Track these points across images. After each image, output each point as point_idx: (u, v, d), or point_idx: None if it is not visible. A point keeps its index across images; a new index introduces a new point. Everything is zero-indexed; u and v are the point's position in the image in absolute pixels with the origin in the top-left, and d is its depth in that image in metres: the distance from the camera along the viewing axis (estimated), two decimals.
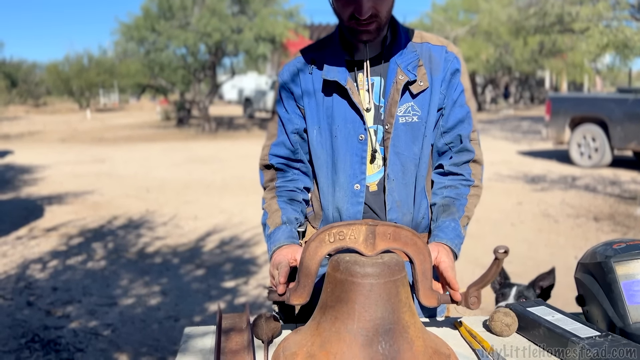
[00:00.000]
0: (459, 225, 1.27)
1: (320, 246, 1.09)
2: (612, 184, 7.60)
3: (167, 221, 5.87)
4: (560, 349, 1.13)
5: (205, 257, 4.61)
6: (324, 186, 1.39)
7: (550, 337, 1.17)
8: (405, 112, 1.30)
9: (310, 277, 1.10)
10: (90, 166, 9.94)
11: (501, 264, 1.11)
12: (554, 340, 1.15)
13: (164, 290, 3.83)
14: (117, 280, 4.03)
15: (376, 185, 1.34)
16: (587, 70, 21.87)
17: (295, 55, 1.43)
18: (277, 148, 1.40)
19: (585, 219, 5.72)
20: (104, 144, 13.84)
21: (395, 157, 1.31)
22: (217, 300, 3.64)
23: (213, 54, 16.68)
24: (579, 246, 4.83)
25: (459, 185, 1.34)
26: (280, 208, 1.36)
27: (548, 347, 1.17)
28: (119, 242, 5.05)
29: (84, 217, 6.04)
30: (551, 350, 1.16)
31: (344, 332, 1.04)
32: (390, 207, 1.32)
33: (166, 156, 11.30)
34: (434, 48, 1.33)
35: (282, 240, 1.28)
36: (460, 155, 1.35)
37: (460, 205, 1.31)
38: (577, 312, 1.35)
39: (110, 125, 19.76)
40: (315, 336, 1.08)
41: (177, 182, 8.22)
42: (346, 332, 1.04)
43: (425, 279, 1.14)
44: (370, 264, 1.06)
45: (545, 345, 1.18)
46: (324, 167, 1.38)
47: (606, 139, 8.66)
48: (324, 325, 1.08)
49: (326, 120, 1.35)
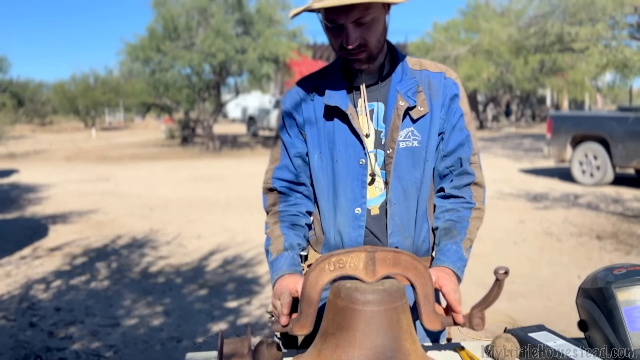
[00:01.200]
0: (460, 248, 1.29)
1: (321, 275, 1.10)
2: (615, 202, 7.59)
3: (171, 240, 5.89)
4: None
5: (209, 276, 4.61)
6: (325, 210, 1.41)
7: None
8: (406, 137, 1.33)
9: (312, 307, 1.12)
10: (94, 185, 9.99)
11: (502, 284, 1.12)
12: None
13: (166, 310, 3.83)
14: (120, 300, 4.04)
15: (378, 209, 1.36)
16: (588, 88, 21.96)
17: (297, 83, 1.46)
18: (281, 172, 1.43)
19: (588, 238, 5.71)
20: (109, 163, 13.92)
21: (397, 181, 1.33)
22: (219, 320, 3.63)
23: (217, 74, 16.83)
24: (582, 265, 4.81)
25: (460, 208, 1.35)
26: (283, 234, 1.38)
27: None
28: (123, 262, 5.07)
29: (87, 237, 6.06)
30: None
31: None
32: (392, 230, 1.34)
33: (170, 175, 11.35)
34: (433, 75, 1.37)
35: (284, 269, 1.29)
36: (461, 178, 1.37)
37: (462, 228, 1.32)
38: (579, 337, 1.35)
39: (115, 144, 19.89)
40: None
41: (181, 201, 8.24)
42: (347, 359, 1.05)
43: (427, 302, 1.15)
44: (371, 291, 1.07)
45: None
46: (325, 191, 1.40)
47: (608, 157, 8.67)
48: (325, 353, 1.09)
49: (327, 145, 1.38)
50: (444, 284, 1.20)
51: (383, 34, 1.30)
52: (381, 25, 1.28)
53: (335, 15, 1.23)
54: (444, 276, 1.23)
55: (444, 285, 1.20)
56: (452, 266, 1.26)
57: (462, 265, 1.27)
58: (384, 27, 1.30)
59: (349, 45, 1.25)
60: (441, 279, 1.21)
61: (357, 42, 1.25)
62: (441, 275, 1.23)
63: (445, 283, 1.20)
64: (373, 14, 1.24)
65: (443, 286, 1.19)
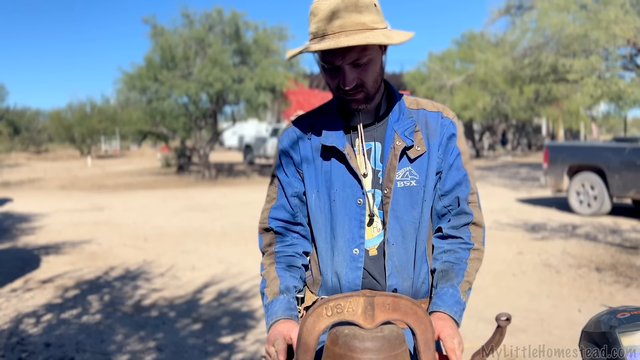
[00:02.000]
0: (457, 292, 1.25)
1: (318, 320, 1.06)
2: (613, 232, 7.56)
3: (165, 272, 5.80)
4: None
5: (203, 310, 4.52)
6: (322, 251, 1.38)
7: None
8: (404, 177, 1.31)
9: (309, 354, 1.07)
10: (88, 214, 9.91)
11: (504, 331, 1.08)
12: None
13: (159, 345, 3.74)
14: (112, 335, 3.94)
15: (376, 249, 1.33)
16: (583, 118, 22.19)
17: (294, 122, 1.45)
18: (277, 211, 1.41)
19: (587, 270, 5.66)
20: (104, 192, 13.86)
21: (394, 222, 1.31)
22: (213, 357, 3.54)
23: (214, 103, 16.94)
24: (582, 298, 4.75)
25: (459, 249, 1.32)
26: (279, 276, 1.35)
27: None
28: (115, 294, 4.97)
29: (80, 268, 5.97)
30: None
31: None
32: (390, 272, 1.31)
33: (166, 204, 11.29)
34: (430, 114, 1.36)
35: (279, 313, 1.25)
36: (459, 218, 1.35)
37: (460, 270, 1.29)
38: None
39: (111, 172, 19.85)
40: None
41: (176, 231, 8.17)
42: None
43: (428, 349, 1.10)
44: (370, 338, 1.03)
45: None
46: (322, 232, 1.37)
47: (605, 188, 8.68)
48: None
49: (325, 185, 1.35)
50: (441, 330, 1.16)
51: (380, 74, 1.30)
52: (378, 66, 1.28)
53: (332, 57, 1.23)
54: (440, 322, 1.20)
55: (441, 331, 1.16)
56: (448, 311, 1.22)
57: (460, 309, 1.24)
58: (380, 68, 1.29)
59: (346, 87, 1.25)
60: (438, 326, 1.17)
61: (354, 83, 1.25)
62: (437, 322, 1.20)
63: (441, 329, 1.17)
64: (370, 55, 1.24)
65: (440, 332, 1.16)
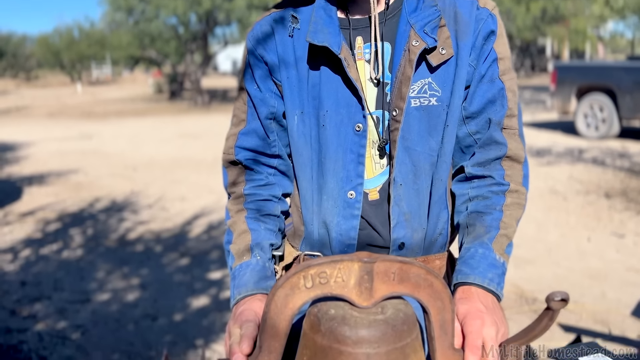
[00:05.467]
0: (491, 251, 0.90)
1: (292, 294, 0.74)
2: (621, 156, 7.24)
3: (153, 203, 5.53)
4: None
5: (191, 244, 4.28)
6: (306, 193, 1.04)
7: None
8: (421, 92, 0.94)
9: (277, 340, 0.76)
10: (76, 143, 9.55)
11: (556, 316, 0.76)
12: None
13: (143, 283, 3.51)
14: (92, 272, 3.71)
15: (377, 192, 0.99)
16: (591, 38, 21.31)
17: (271, 10, 1.06)
18: (247, 138, 1.04)
19: (596, 196, 5.39)
20: (93, 119, 13.41)
21: (404, 155, 0.96)
22: (200, 294, 3.32)
23: (204, 24, 16.08)
24: (590, 226, 4.50)
25: (489, 193, 0.97)
26: (250, 229, 1.01)
27: None
28: (99, 228, 4.72)
29: (64, 200, 5.69)
30: None
31: None
32: (397, 221, 0.97)
33: (156, 131, 10.90)
34: (461, 2, 0.96)
35: (251, 285, 0.92)
36: (487, 150, 0.99)
37: (493, 220, 0.94)
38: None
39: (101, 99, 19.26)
40: None
41: (166, 160, 7.85)
42: None
43: (444, 334, 0.79)
44: (366, 324, 0.72)
45: None
46: (307, 168, 1.02)
47: (614, 109, 8.28)
48: None
49: (311, 104, 0.99)
50: (465, 315, 0.81)
51: None
52: None
53: None
54: (464, 305, 0.83)
55: (466, 317, 0.81)
56: (480, 280, 0.87)
57: (497, 274, 0.88)
58: None
59: None
60: (461, 309, 0.82)
61: None
62: (460, 303, 0.84)
63: (466, 314, 0.81)
64: None
65: (464, 318, 0.81)
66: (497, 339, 0.78)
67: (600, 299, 3.12)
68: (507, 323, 0.84)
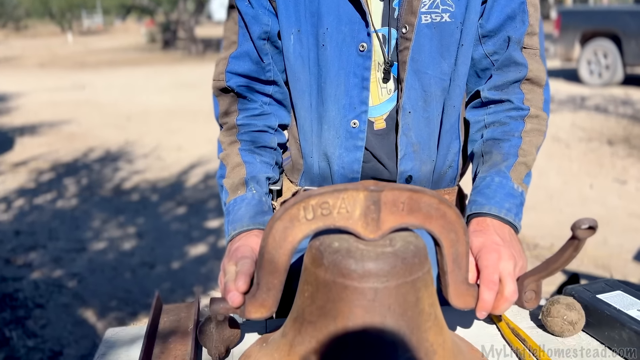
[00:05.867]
0: (508, 180, 0.83)
1: (292, 227, 0.67)
2: (624, 104, 7.12)
3: (148, 153, 5.44)
4: None
5: (188, 193, 4.22)
6: (305, 123, 0.95)
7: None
8: (432, 7, 0.84)
9: (277, 276, 0.69)
10: (68, 94, 9.34)
11: (582, 246, 0.69)
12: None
13: (139, 232, 3.46)
14: (88, 221, 3.66)
15: (384, 120, 0.90)
16: None
17: None
18: (239, 62, 0.93)
19: (599, 143, 5.31)
20: (85, 70, 13.11)
21: (414, 78, 0.86)
22: (198, 242, 3.28)
23: None
24: (593, 173, 4.45)
25: (507, 119, 0.89)
26: (244, 162, 0.92)
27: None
28: (94, 178, 4.64)
29: (57, 150, 5.59)
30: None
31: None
32: (404, 153, 0.89)
33: (150, 81, 10.67)
34: None
35: (246, 220, 0.84)
36: (506, 72, 0.89)
37: (511, 147, 0.86)
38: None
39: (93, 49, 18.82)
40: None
41: (161, 110, 7.70)
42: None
43: (458, 268, 0.72)
44: (374, 256, 0.65)
45: (633, 357, 0.79)
46: (305, 95, 0.93)
47: (619, 55, 8.08)
48: (300, 350, 0.68)
49: (309, 21, 0.88)
50: (481, 248, 0.74)
51: None
52: None
53: None
54: (479, 237, 0.76)
55: (481, 250, 0.73)
56: (496, 210, 0.79)
57: (515, 204, 0.81)
58: None
59: None
60: (476, 242, 0.74)
61: None
62: (475, 235, 0.77)
63: (482, 247, 0.74)
64: None
65: (480, 252, 0.73)
66: (515, 274, 0.72)
67: (602, 245, 3.09)
68: (525, 256, 0.77)
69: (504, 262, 0.71)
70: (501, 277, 0.70)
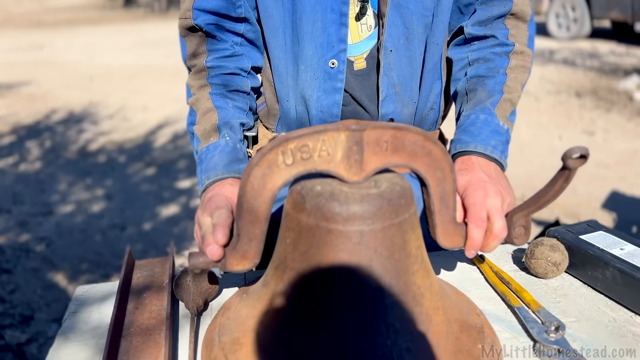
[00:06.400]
0: (494, 117, 0.80)
1: (271, 173, 0.63)
2: (592, 56, 7.19)
3: (113, 113, 5.26)
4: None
5: (156, 153, 4.11)
6: (280, 64, 0.90)
7: (625, 285, 0.77)
8: None
9: (258, 225, 0.66)
10: (26, 54, 8.92)
11: (572, 177, 0.67)
12: (632, 290, 0.76)
13: (108, 194, 3.37)
14: (53, 184, 3.54)
15: (364, 60, 0.85)
16: None
17: None
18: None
19: (567, 95, 5.36)
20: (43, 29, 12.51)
21: (395, 14, 0.81)
22: (170, 203, 3.21)
23: None
24: (562, 125, 4.50)
25: (491, 55, 0.85)
26: (216, 106, 0.87)
27: (622, 299, 0.78)
28: (58, 140, 4.48)
29: (16, 112, 5.36)
30: (628, 304, 0.77)
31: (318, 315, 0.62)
32: (386, 94, 0.85)
33: (112, 40, 10.26)
34: None
35: (220, 169, 0.80)
36: (489, 6, 0.85)
37: (496, 84, 0.83)
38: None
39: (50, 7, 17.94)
40: (270, 314, 0.66)
41: (125, 69, 7.43)
42: (321, 315, 0.62)
43: (445, 207, 0.70)
44: (359, 199, 0.62)
45: (616, 295, 0.79)
46: (279, 33, 0.87)
47: (587, 9, 8.10)
48: (283, 298, 0.65)
49: None
50: (467, 186, 0.71)
51: None
52: None
53: None
54: (465, 175, 0.74)
55: (467, 187, 0.71)
56: (482, 147, 0.77)
57: (501, 142, 0.78)
58: None
59: None
60: (462, 180, 0.72)
61: None
62: (461, 173, 0.74)
63: (468, 184, 0.71)
64: None
65: (466, 189, 0.71)
66: (503, 210, 0.70)
67: (572, 194, 3.15)
68: (512, 192, 0.75)
69: (491, 198, 0.68)
70: (489, 214, 0.68)
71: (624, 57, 7.05)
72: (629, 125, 4.43)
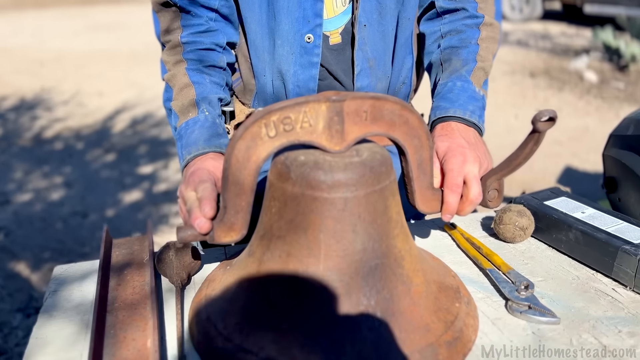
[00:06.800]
0: (470, 84, 0.83)
1: (255, 145, 0.64)
2: (544, 38, 7.40)
3: (68, 99, 5.10)
4: (605, 260, 0.80)
5: (115, 139, 4.02)
6: (256, 38, 0.90)
7: (587, 245, 0.83)
8: None
9: (244, 197, 0.67)
10: None
11: (542, 139, 0.71)
12: (593, 249, 0.82)
13: (67, 181, 3.28)
14: (8, 173, 3.42)
15: (339, 34, 0.87)
16: None
17: None
18: None
19: (521, 76, 5.52)
20: None
21: None
22: (132, 188, 3.16)
23: None
24: (517, 104, 4.64)
25: (463, 27, 0.88)
26: (193, 82, 0.87)
27: (584, 258, 0.84)
28: (9, 127, 4.31)
29: None
30: (590, 263, 0.83)
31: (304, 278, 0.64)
32: (361, 68, 0.87)
33: (62, 24, 9.87)
34: None
35: (201, 143, 0.80)
36: None
37: (470, 53, 0.86)
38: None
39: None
40: (256, 281, 0.68)
41: (77, 54, 7.18)
42: (307, 278, 0.64)
43: (423, 174, 0.73)
44: (342, 167, 0.64)
45: (579, 255, 0.85)
46: (255, 6, 0.88)
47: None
48: (270, 265, 0.67)
49: None
50: (446, 152, 0.74)
51: None
52: None
53: None
54: (444, 141, 0.76)
55: (447, 153, 0.73)
56: (460, 112, 0.80)
57: (478, 107, 0.82)
58: None
59: None
60: (441, 147, 0.74)
61: None
62: (440, 139, 0.76)
63: (447, 150, 0.74)
64: None
65: (445, 155, 0.73)
66: (480, 175, 0.73)
67: (528, 170, 3.26)
68: (490, 157, 0.78)
69: (469, 164, 0.71)
70: (466, 180, 0.71)
71: (574, 38, 7.29)
72: (580, 103, 4.60)
